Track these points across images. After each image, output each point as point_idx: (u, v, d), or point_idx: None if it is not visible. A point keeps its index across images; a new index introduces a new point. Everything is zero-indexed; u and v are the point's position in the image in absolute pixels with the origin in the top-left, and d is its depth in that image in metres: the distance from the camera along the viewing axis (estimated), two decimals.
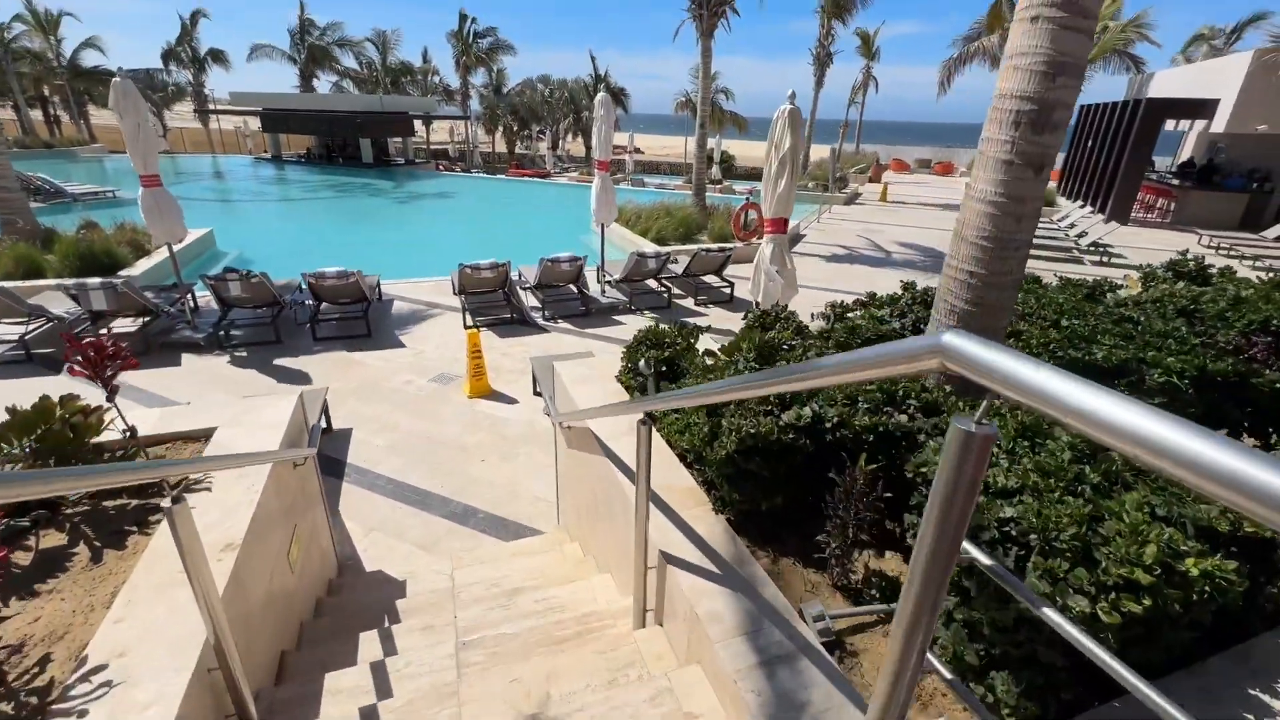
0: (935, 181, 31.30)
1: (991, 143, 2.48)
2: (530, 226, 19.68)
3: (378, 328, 8.35)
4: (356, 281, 7.77)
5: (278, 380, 6.79)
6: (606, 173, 8.66)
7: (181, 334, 7.44)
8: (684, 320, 6.08)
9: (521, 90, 42.16)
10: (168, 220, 7.02)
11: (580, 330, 8.53)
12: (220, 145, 43.04)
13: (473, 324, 8.54)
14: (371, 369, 7.13)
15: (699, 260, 9.74)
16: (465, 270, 8.27)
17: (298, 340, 7.89)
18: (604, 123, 8.22)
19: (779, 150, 5.01)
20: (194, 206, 20.85)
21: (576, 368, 4.00)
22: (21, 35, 33.08)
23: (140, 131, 6.62)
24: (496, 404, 6.39)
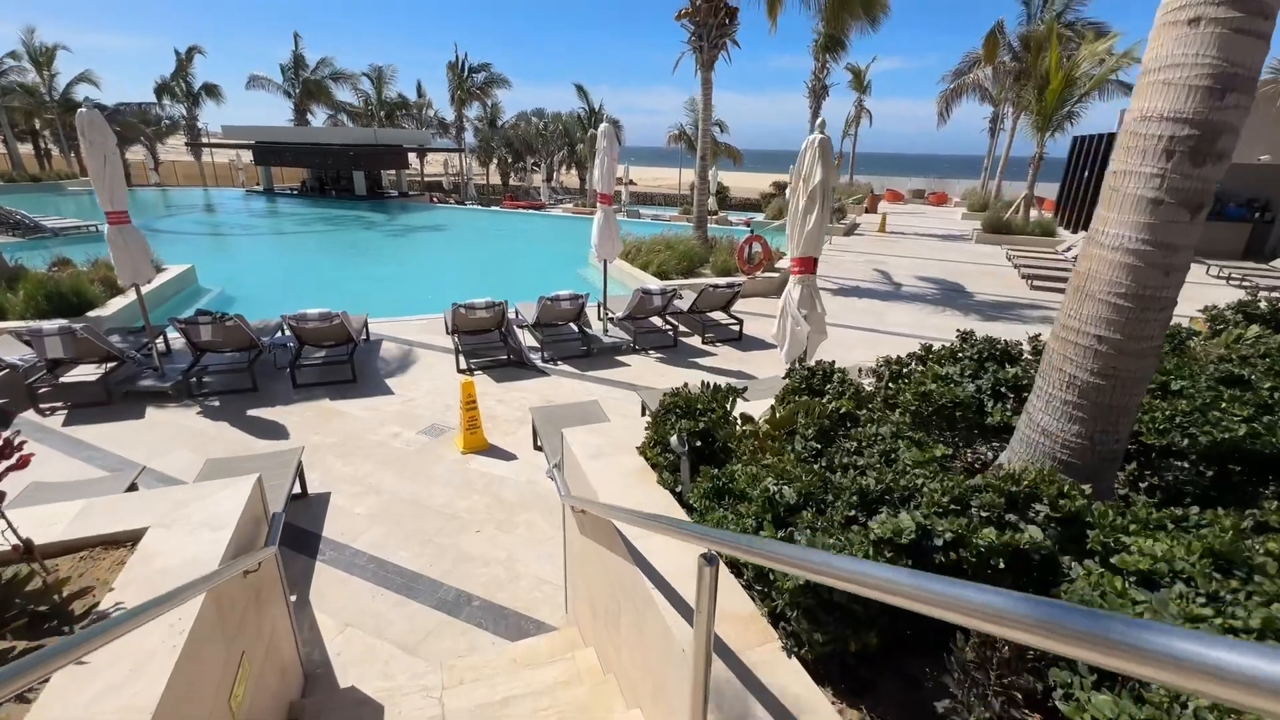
0: (931, 212, 31.34)
1: (1129, 176, 1.96)
2: (526, 261, 19.26)
3: (364, 372, 7.74)
4: (341, 323, 7.19)
5: (250, 434, 6.15)
6: (609, 206, 8.21)
7: (147, 382, 6.80)
8: (719, 384, 5.43)
9: (516, 123, 42.39)
10: (135, 259, 6.45)
11: (582, 373, 7.95)
12: (213, 178, 42.90)
13: (466, 367, 7.96)
14: (355, 420, 6.50)
15: (706, 296, 9.24)
16: (459, 310, 7.72)
17: (276, 387, 7.26)
18: (606, 154, 7.80)
19: (808, 184, 4.53)
20: (179, 241, 20.35)
21: (590, 437, 3.41)
22: (11, 70, 32.90)
23: (107, 165, 6.10)
24: (493, 460, 5.76)
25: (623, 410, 6.80)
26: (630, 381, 7.72)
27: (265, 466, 4.80)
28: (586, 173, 39.17)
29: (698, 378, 8.00)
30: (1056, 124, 19.61)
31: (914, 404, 2.83)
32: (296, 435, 6.15)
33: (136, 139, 41.40)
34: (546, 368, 8.09)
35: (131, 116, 39.02)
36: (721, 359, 8.64)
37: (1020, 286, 14.05)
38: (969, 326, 11.13)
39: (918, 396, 2.82)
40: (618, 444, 3.30)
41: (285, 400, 6.94)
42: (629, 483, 2.93)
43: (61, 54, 34.97)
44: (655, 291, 8.65)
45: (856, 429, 2.64)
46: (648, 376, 7.91)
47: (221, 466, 4.82)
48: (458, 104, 38.95)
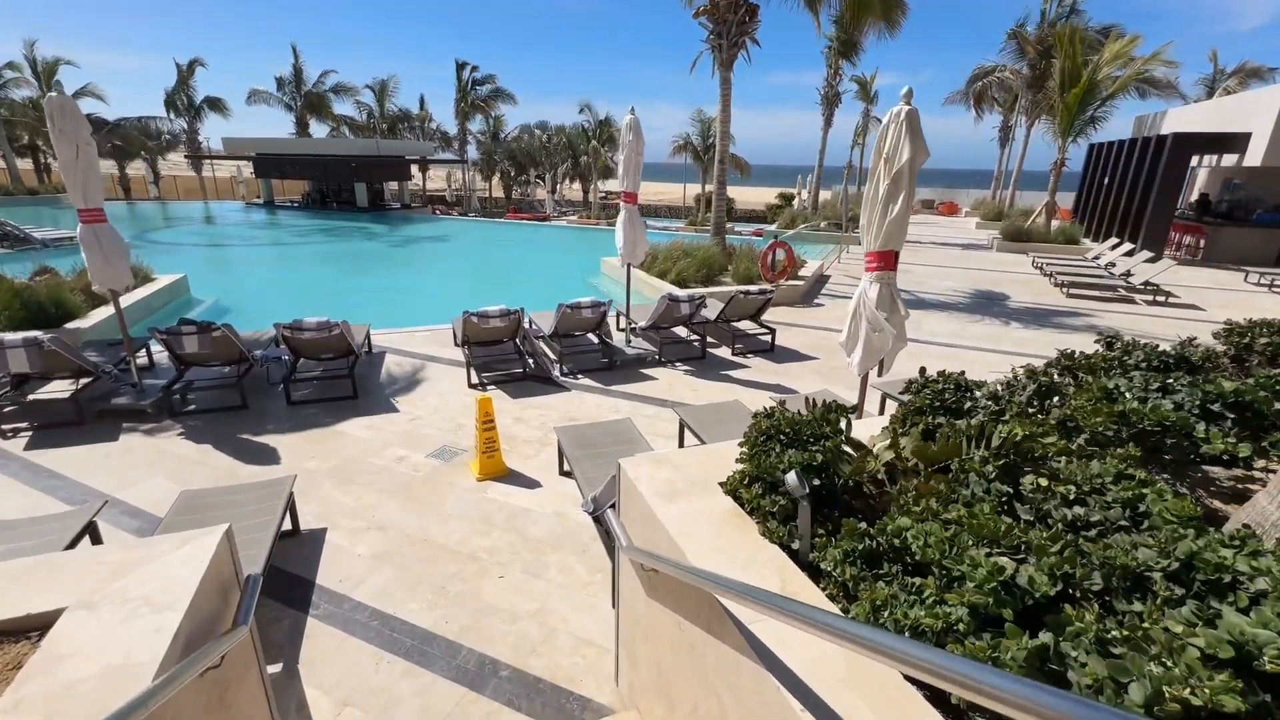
0: (943, 221, 30.79)
1: None
2: (534, 270, 18.61)
3: (366, 387, 7.02)
4: (341, 334, 6.49)
5: (237, 458, 5.42)
6: (634, 205, 7.54)
7: (123, 400, 6.08)
8: (827, 400, 4.56)
9: (519, 136, 42.12)
10: (112, 263, 5.77)
11: (606, 387, 7.23)
12: (214, 193, 42.53)
13: (478, 381, 7.24)
14: (356, 442, 5.77)
15: (736, 304, 8.54)
16: (470, 319, 7.02)
17: (268, 405, 6.54)
18: (632, 149, 7.15)
19: (891, 163, 3.85)
20: (173, 252, 19.72)
21: (655, 469, 2.69)
22: (10, 83, 32.56)
23: (80, 156, 5.43)
24: (514, 489, 5.02)
25: (656, 428, 6.08)
26: (659, 396, 7.00)
27: (249, 499, 4.07)
28: (590, 185, 38.77)
29: (733, 392, 7.29)
30: (1079, 128, 19.07)
31: (1106, 427, 2.11)
32: (289, 459, 5.42)
33: (137, 153, 41.12)
34: (566, 382, 7.37)
35: (133, 130, 38.75)
36: (755, 371, 7.92)
37: (1054, 294, 13.38)
38: (1012, 334, 10.49)
39: (1112, 418, 2.10)
40: (694, 479, 2.58)
41: (278, 419, 6.21)
42: (722, 534, 2.20)
43: (65, 69, 34.69)
44: (682, 299, 7.95)
45: (1045, 464, 1.92)
46: (678, 390, 7.19)
47: (197, 500, 4.08)
48: (461, 116, 38.65)
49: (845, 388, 7.08)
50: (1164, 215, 17.82)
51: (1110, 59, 17.67)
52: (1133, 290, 13.22)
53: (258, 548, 3.55)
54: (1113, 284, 13.46)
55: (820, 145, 22.87)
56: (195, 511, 3.93)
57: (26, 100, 34.51)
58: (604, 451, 4.89)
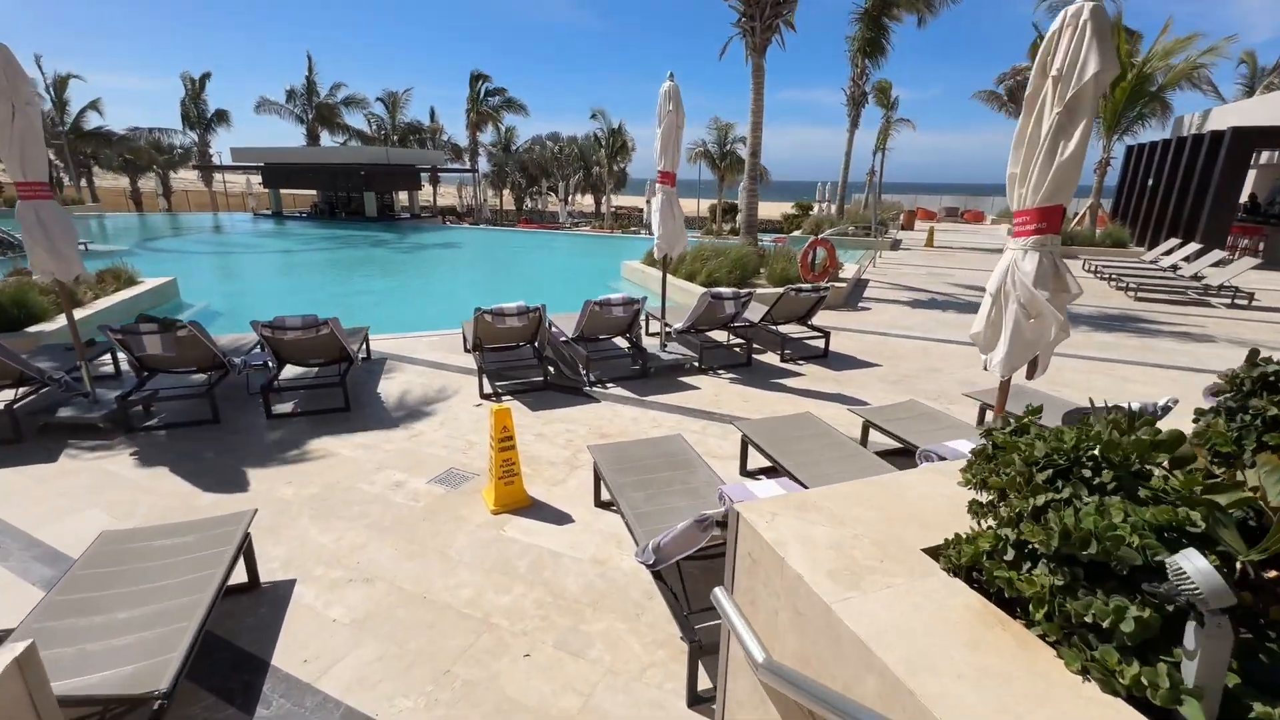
0: (967, 229, 29.66)
1: None
2: (550, 275, 17.65)
3: (360, 399, 6.00)
4: (331, 334, 5.48)
5: (196, 484, 4.38)
6: (672, 187, 6.52)
7: (69, 412, 5.08)
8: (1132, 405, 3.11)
9: (530, 147, 41.61)
10: (58, 247, 4.80)
11: (641, 397, 6.16)
12: (225, 206, 42.29)
13: (492, 391, 6.20)
14: (345, 463, 4.73)
15: (786, 303, 7.47)
16: (483, 318, 5.99)
17: (245, 418, 5.52)
18: (671, 121, 6.15)
19: (1066, 83, 2.78)
20: (171, 258, 18.98)
21: (806, 523, 1.60)
22: None
23: (17, 119, 4.50)
24: (539, 525, 3.94)
25: (707, 446, 4.99)
26: (705, 408, 5.92)
27: (188, 543, 3.03)
28: (603, 195, 38.04)
29: (792, 403, 6.20)
30: (1125, 126, 17.99)
31: None
32: (260, 486, 4.38)
33: (148, 167, 41.00)
34: (594, 392, 6.31)
35: (144, 144, 38.63)
36: (811, 380, 6.82)
37: (1116, 297, 12.22)
38: (1093, 340, 9.29)
39: None
40: (878, 540, 1.49)
41: (253, 436, 5.18)
42: (980, 661, 1.11)
43: (74, 84, 34.59)
44: (727, 296, 6.89)
45: None
46: (726, 401, 6.10)
47: (119, 545, 3.04)
48: (472, 127, 38.18)
49: (926, 398, 5.97)
50: (1223, 215, 16.63)
51: (1163, 53, 16.63)
52: (1207, 293, 12.03)
53: (185, 618, 2.50)
54: (1183, 286, 12.28)
55: (847, 146, 21.90)
56: (112, 562, 2.89)
57: (45, 116, 34.41)
58: (654, 477, 3.81)
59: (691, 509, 3.40)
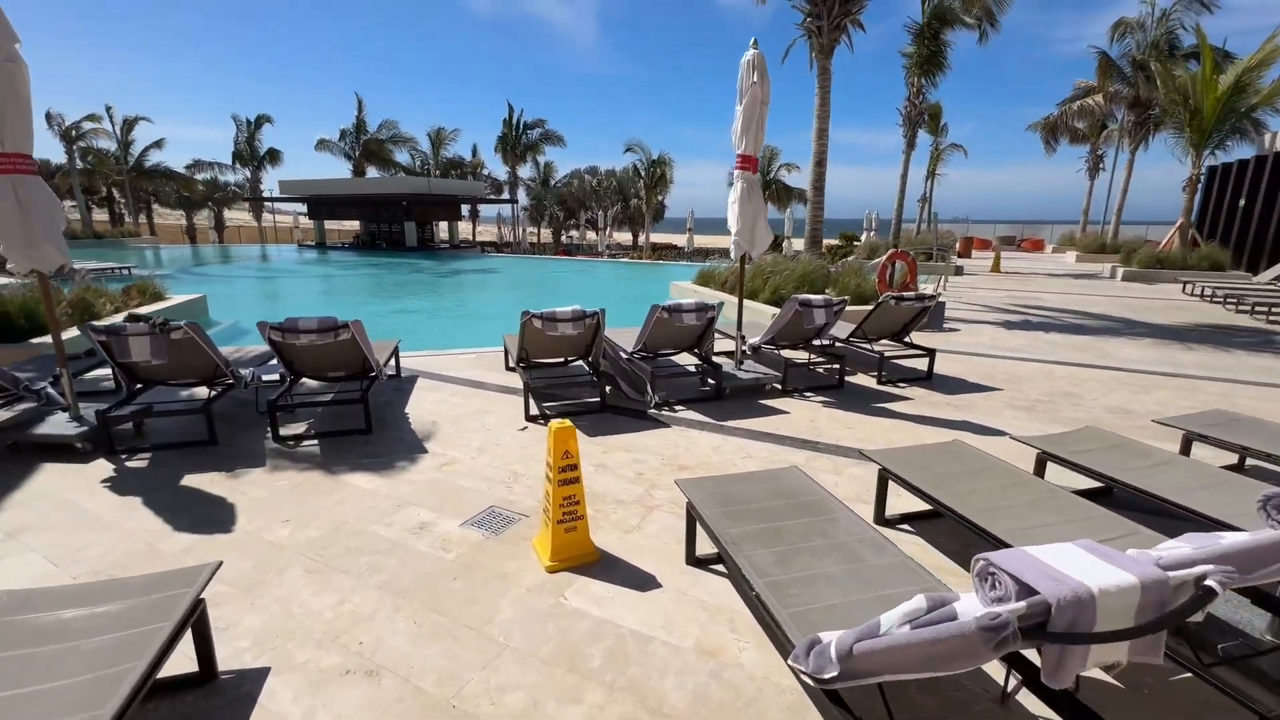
0: (1027, 257, 27.94)
1: None
2: (595, 297, 16.80)
3: (385, 419, 5.04)
4: (351, 341, 4.56)
5: (171, 522, 3.42)
6: (754, 173, 5.53)
7: (43, 430, 4.24)
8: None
9: (569, 182, 41.73)
10: (37, 232, 4.03)
11: (719, 423, 5.04)
12: (274, 238, 43.64)
13: (540, 413, 5.17)
14: (359, 495, 3.72)
15: (883, 315, 6.32)
16: (532, 323, 5.01)
17: (247, 439, 4.60)
18: (755, 96, 5.19)
19: None
20: (210, 282, 18.88)
21: None
22: (91, 133, 33.95)
23: None
24: (613, 590, 2.83)
25: (824, 484, 3.81)
26: (804, 437, 4.76)
27: (114, 615, 2.02)
28: (641, 229, 37.59)
29: (906, 432, 4.97)
30: (1217, 141, 16.46)
31: None
32: (250, 523, 3.39)
33: (203, 203, 42.62)
34: (660, 415, 5.22)
35: (202, 184, 40.23)
36: (923, 404, 5.61)
37: (1242, 319, 10.65)
38: (1249, 364, 7.75)
39: None
40: None
41: (255, 460, 4.24)
42: None
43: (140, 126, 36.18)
44: (817, 304, 5.77)
45: None
46: (826, 428, 4.93)
47: (14, 616, 2.05)
48: (512, 159, 38.49)
49: (1064, 426, 4.69)
50: None
51: (1258, 64, 15.20)
52: None
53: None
54: None
55: (902, 168, 20.80)
56: (20, 641, 1.89)
57: (110, 154, 36.10)
58: (780, 526, 2.68)
59: (854, 577, 2.26)
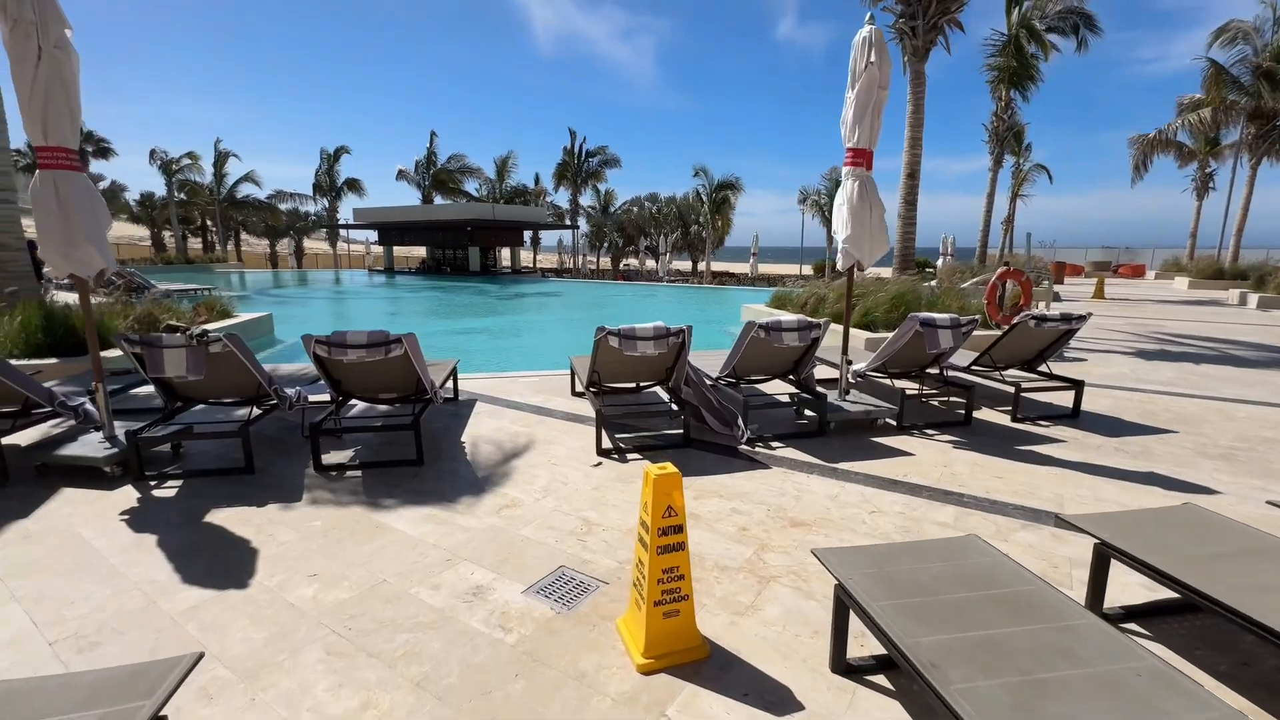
0: (1126, 283, 25.51)
1: None
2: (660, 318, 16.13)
3: (439, 447, 4.43)
4: (404, 358, 3.97)
5: (181, 569, 2.83)
6: (868, 170, 4.69)
7: (69, 450, 3.82)
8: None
9: (629, 208, 41.81)
10: (75, 233, 3.67)
11: (827, 464, 4.15)
12: (348, 264, 45.79)
13: (613, 446, 4.43)
14: (402, 545, 3.05)
15: (1019, 337, 5.29)
16: (607, 341, 4.30)
17: (287, 468, 4.06)
18: (872, 80, 4.40)
19: None
20: (280, 302, 19.37)
21: None
22: (187, 168, 36.54)
23: (43, 65, 3.48)
24: (732, 710, 1.99)
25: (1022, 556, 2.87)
26: (941, 486, 3.80)
27: None
28: (701, 255, 36.98)
29: (1070, 482, 3.91)
30: None
31: None
32: (271, 577, 2.76)
33: (286, 232, 45.17)
34: (755, 452, 4.38)
35: (284, 213, 42.73)
36: (1079, 448, 4.53)
37: None
38: None
39: None
40: None
41: (291, 493, 3.67)
42: None
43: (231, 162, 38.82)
44: (943, 324, 4.81)
45: None
46: (965, 475, 3.96)
47: None
48: (573, 187, 38.92)
49: None
50: None
51: None
52: None
53: None
54: None
55: (989, 187, 19.36)
56: None
57: (205, 187, 38.85)
58: (996, 635, 1.79)
59: None
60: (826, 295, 9.87)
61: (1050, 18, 16.83)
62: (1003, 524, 3.29)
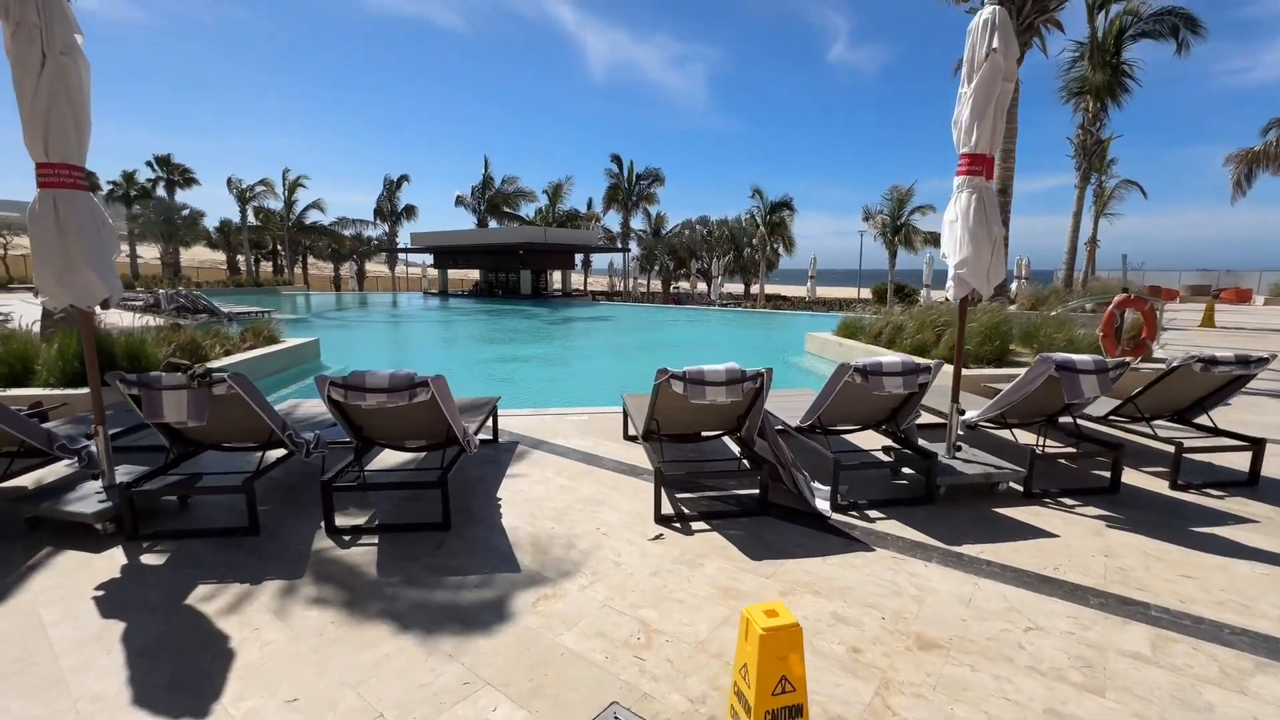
0: (1231, 308, 23.05)
1: None
2: (715, 350, 15.36)
3: (469, 508, 3.79)
4: (432, 401, 3.36)
5: (133, 688, 2.24)
6: (988, 180, 3.86)
7: (61, 506, 3.37)
8: None
9: (680, 231, 41.41)
10: (73, 257, 3.27)
11: (949, 548, 3.27)
12: (406, 286, 47.15)
13: (674, 512, 3.69)
14: (413, 657, 2.39)
15: (1178, 383, 4.27)
16: (669, 387, 3.58)
17: (297, 528, 3.50)
18: (994, 71, 3.61)
19: None
20: (334, 325, 19.61)
21: None
22: (261, 194, 38.44)
23: (46, 72, 3.12)
24: None
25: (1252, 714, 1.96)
26: (1118, 591, 2.87)
27: None
28: (754, 278, 36.04)
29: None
30: None
31: None
32: (244, 698, 2.14)
33: (349, 256, 46.93)
34: (848, 524, 3.55)
35: (349, 239, 44.45)
36: (1274, 531, 3.48)
37: None
38: None
39: None
40: None
41: (293, 566, 3.08)
42: None
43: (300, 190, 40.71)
44: (1087, 367, 3.86)
45: None
46: (1148, 574, 3.01)
47: None
48: (624, 210, 38.85)
49: None
50: None
51: None
52: None
53: None
54: None
55: (1075, 205, 17.82)
56: None
57: (276, 213, 40.83)
58: None
59: None
60: (904, 324, 8.89)
61: (1145, 20, 15.43)
62: (1227, 661, 2.36)
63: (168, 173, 37.47)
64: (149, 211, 36.27)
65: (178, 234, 37.23)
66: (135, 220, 37.09)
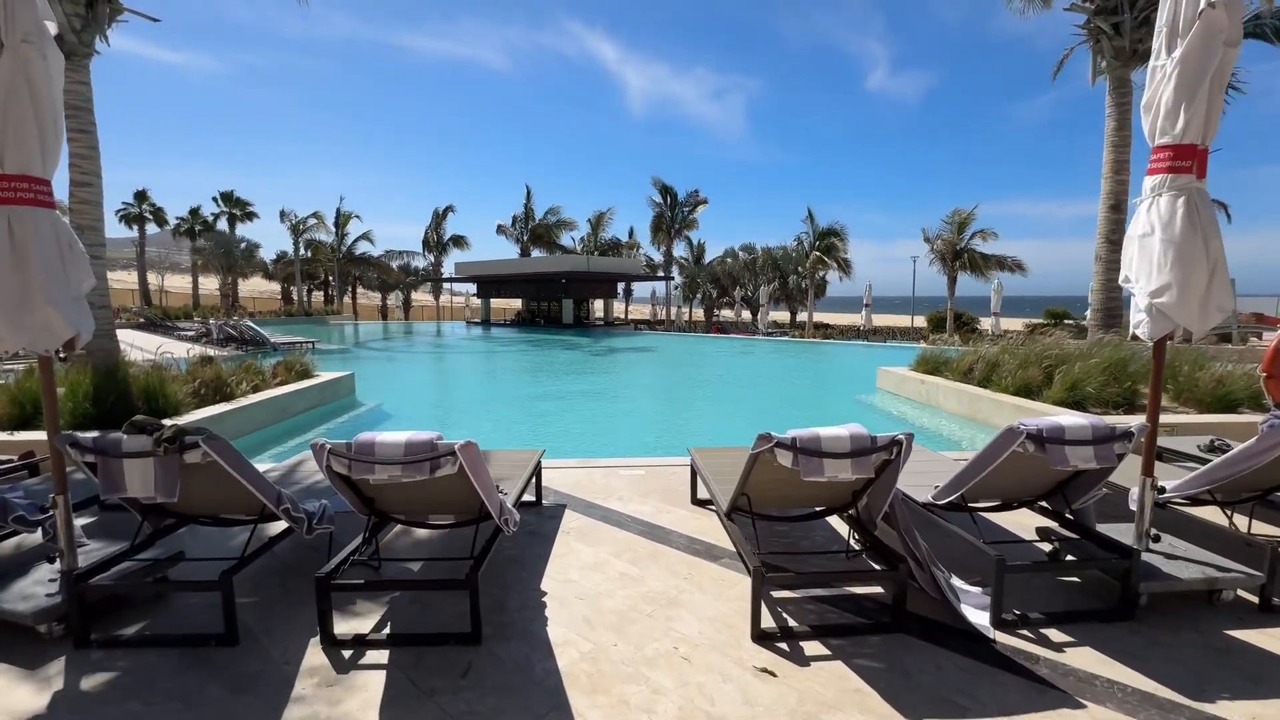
0: None
1: None
2: (774, 382, 14.31)
3: (506, 608, 2.93)
4: (460, 474, 2.53)
5: None
6: (1199, 179, 2.88)
7: (9, 595, 2.67)
8: None
9: (723, 259, 40.68)
10: (31, 289, 2.64)
11: (1193, 703, 2.22)
12: (450, 316, 47.75)
13: (775, 626, 2.73)
14: None
15: None
16: (772, 459, 2.66)
17: (287, 634, 2.71)
18: (1206, 35, 2.69)
19: None
20: (373, 356, 19.37)
21: None
22: (313, 228, 39.61)
23: (4, 62, 2.54)
24: None
25: None
26: None
27: None
28: (801, 306, 34.84)
29: None
30: None
31: None
32: None
33: (396, 286, 47.92)
34: (1025, 651, 2.53)
35: (395, 267, 45.41)
36: None
37: None
38: None
39: None
40: None
41: (273, 699, 2.27)
42: None
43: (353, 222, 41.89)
44: None
45: None
46: None
47: None
48: (666, 239, 38.39)
49: None
50: None
51: None
52: None
53: None
54: None
55: None
56: None
57: (328, 245, 42.01)
58: None
59: None
60: (999, 360, 7.75)
61: (1249, 21, 14.02)
62: None
63: (230, 207, 39.10)
64: (211, 244, 37.79)
65: (236, 265, 38.62)
66: (200, 253, 38.70)
